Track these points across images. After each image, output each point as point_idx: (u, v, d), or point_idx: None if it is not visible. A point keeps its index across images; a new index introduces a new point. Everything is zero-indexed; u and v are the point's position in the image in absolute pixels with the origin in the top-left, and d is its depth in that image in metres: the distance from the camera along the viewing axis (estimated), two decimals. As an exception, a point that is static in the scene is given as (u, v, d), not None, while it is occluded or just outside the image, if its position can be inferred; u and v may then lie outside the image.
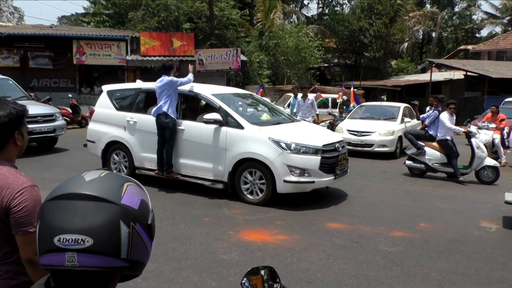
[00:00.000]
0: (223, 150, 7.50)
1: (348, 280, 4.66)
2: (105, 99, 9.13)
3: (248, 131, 7.41)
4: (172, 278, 4.63)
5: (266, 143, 7.18)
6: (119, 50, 19.14)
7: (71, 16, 42.39)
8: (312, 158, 7.12)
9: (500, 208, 7.60)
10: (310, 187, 7.27)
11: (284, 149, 7.07)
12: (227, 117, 7.58)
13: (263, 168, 7.19)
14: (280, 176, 7.03)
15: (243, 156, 7.33)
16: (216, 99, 7.88)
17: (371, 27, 28.52)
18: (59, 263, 1.06)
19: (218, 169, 7.60)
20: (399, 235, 6.10)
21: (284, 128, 7.87)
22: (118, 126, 8.70)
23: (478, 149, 9.60)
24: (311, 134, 7.80)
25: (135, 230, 1.11)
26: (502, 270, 5.03)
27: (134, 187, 1.19)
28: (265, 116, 8.61)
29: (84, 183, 1.13)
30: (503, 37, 31.89)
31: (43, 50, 19.50)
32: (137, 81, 9.48)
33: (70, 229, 1.06)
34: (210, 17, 21.40)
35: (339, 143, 7.73)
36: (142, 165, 8.51)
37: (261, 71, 23.14)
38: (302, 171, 7.06)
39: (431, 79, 23.51)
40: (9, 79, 12.76)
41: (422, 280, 4.72)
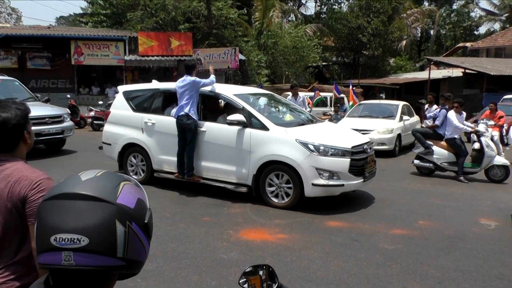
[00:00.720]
0: (247, 153, 7.25)
1: (347, 278, 4.67)
2: (121, 100, 8.89)
3: (273, 132, 7.16)
4: (172, 277, 4.63)
5: (293, 145, 6.94)
6: (117, 50, 19.13)
7: (69, 17, 42.41)
8: (341, 160, 6.87)
9: (499, 205, 7.62)
10: (339, 191, 7.04)
11: (312, 151, 6.83)
12: (250, 118, 7.34)
13: (289, 171, 6.95)
14: (308, 179, 6.79)
15: (269, 158, 7.09)
16: (239, 100, 7.64)
17: (369, 25, 28.52)
18: (56, 262, 1.07)
19: (241, 172, 7.37)
20: (398, 233, 6.10)
21: (309, 129, 7.64)
22: (135, 127, 8.45)
23: (487, 148, 9.51)
24: (338, 136, 7.58)
25: (131, 229, 1.12)
26: (501, 267, 5.04)
27: (131, 186, 1.19)
28: (288, 116, 8.34)
29: (80, 183, 1.14)
30: (501, 34, 31.91)
31: (41, 50, 19.48)
32: (153, 81, 9.27)
33: (66, 229, 1.07)
34: (208, 16, 21.40)
35: (367, 144, 7.51)
36: (160, 168, 8.27)
37: (259, 70, 23.14)
38: (331, 174, 6.83)
39: (429, 77, 23.52)
40: (15, 80, 12.67)
41: (422, 277, 4.72)
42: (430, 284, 4.58)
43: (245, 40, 23.54)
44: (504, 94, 18.62)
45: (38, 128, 10.68)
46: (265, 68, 23.65)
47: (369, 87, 26.88)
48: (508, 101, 17.15)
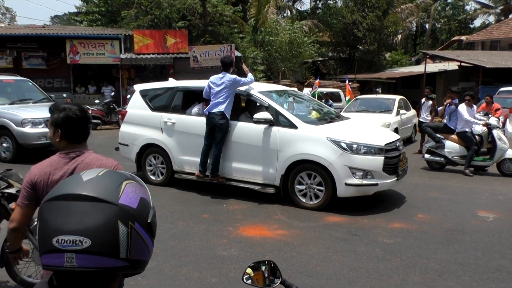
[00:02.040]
0: (275, 152, 6.99)
1: (347, 273, 4.69)
2: (138, 99, 8.62)
3: (302, 130, 6.89)
4: (173, 275, 4.64)
5: (324, 143, 6.68)
6: (113, 48, 19.05)
7: (64, 16, 42.18)
8: (375, 158, 6.65)
9: (497, 198, 7.66)
10: (373, 190, 6.83)
11: (345, 149, 6.58)
12: (277, 116, 7.09)
13: (321, 171, 6.69)
14: (341, 179, 6.55)
15: (298, 158, 6.82)
16: (264, 97, 7.41)
17: (364, 20, 28.50)
18: (58, 264, 1.07)
19: (268, 172, 7.11)
20: (397, 227, 6.13)
21: (339, 127, 7.40)
22: (154, 127, 8.20)
23: (499, 141, 9.44)
24: (369, 133, 7.35)
25: (134, 229, 1.11)
26: (500, 259, 5.07)
27: (133, 185, 1.18)
28: (314, 114, 8.02)
29: (81, 183, 1.13)
30: (496, 27, 31.97)
31: (36, 50, 19.37)
32: (170, 79, 9.05)
33: (68, 230, 1.06)
34: (203, 13, 21.36)
35: (398, 141, 7.33)
36: (181, 169, 8.00)
37: (255, 66, 23.10)
38: (365, 173, 6.60)
39: (425, 71, 23.54)
40: (28, 81, 12.53)
41: (421, 270, 4.75)
42: (430, 277, 4.60)
43: (240, 37, 23.51)
44: (500, 87, 18.66)
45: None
46: (261, 64, 23.62)
47: (365, 82, 26.90)
48: (504, 94, 17.20)
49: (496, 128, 9.65)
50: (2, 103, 11.02)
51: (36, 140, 10.38)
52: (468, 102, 9.80)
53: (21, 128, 10.29)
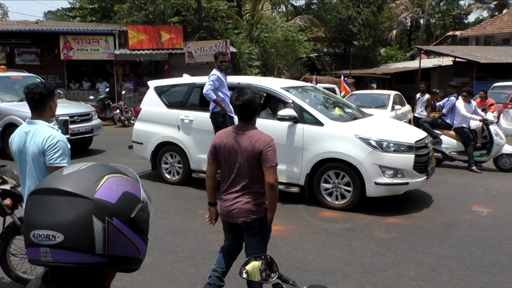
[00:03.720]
0: (299, 150, 6.75)
1: (343, 267, 4.71)
2: (153, 96, 8.36)
3: (329, 128, 6.67)
4: (169, 271, 4.65)
5: (352, 141, 6.46)
6: (107, 44, 18.94)
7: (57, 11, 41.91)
8: (406, 156, 6.43)
9: (491, 192, 7.70)
10: (404, 189, 6.63)
11: (375, 147, 6.35)
12: (302, 113, 6.86)
13: (348, 169, 6.48)
14: (370, 178, 6.33)
15: (324, 156, 6.60)
16: (288, 93, 7.20)
17: (359, 16, 28.49)
18: (36, 258, 1.06)
19: (292, 171, 6.88)
20: (392, 222, 6.16)
21: (366, 124, 7.20)
22: (170, 125, 7.96)
23: (496, 136, 9.44)
24: (398, 130, 7.15)
25: (111, 224, 1.07)
26: (494, 253, 5.11)
27: (117, 179, 1.14)
28: (337, 110, 7.74)
29: (60, 177, 1.11)
30: (490, 22, 32.05)
31: (30, 46, 19.22)
32: (184, 75, 8.84)
33: (42, 225, 1.05)
34: (198, 9, 21.27)
35: (426, 138, 7.17)
36: (199, 168, 7.72)
37: (251, 62, 23.05)
38: (395, 171, 6.38)
39: (420, 66, 23.57)
40: (36, 77, 12.22)
41: (416, 265, 4.78)
42: (425, 271, 4.63)
43: (236, 33, 23.44)
44: (494, 82, 18.72)
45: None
46: (256, 60, 23.58)
47: (361, 78, 26.91)
48: (498, 89, 17.26)
49: (493, 123, 9.66)
50: (11, 100, 10.82)
51: None
52: (465, 98, 9.78)
53: None
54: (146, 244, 1.21)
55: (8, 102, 10.69)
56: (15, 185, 4.09)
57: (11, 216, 4.01)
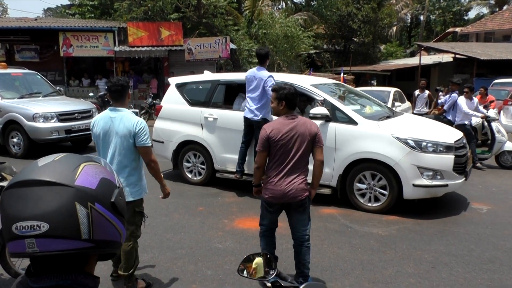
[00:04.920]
0: (331, 150, 6.45)
1: (342, 264, 4.72)
2: (175, 94, 8.10)
3: (363, 127, 6.40)
4: (168, 267, 4.65)
5: (388, 140, 6.19)
6: (107, 41, 18.91)
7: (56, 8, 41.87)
8: (445, 157, 6.15)
9: (491, 190, 7.70)
10: (443, 192, 6.38)
11: (413, 147, 6.08)
12: (334, 111, 6.59)
13: (385, 170, 6.23)
14: (408, 179, 6.07)
15: (359, 156, 6.34)
16: (319, 91, 6.91)
17: (359, 12, 28.46)
18: (20, 250, 1.07)
19: (324, 171, 6.72)
20: (392, 219, 6.16)
21: (401, 123, 6.94)
22: (193, 123, 7.71)
23: (498, 134, 9.38)
24: (435, 130, 6.87)
25: (94, 210, 1.10)
26: (493, 250, 5.11)
27: (93, 167, 1.16)
28: (368, 108, 7.46)
29: (36, 169, 1.12)
30: (491, 19, 31.99)
31: (29, 43, 19.19)
32: (205, 72, 8.67)
33: (25, 216, 1.06)
34: (197, 5, 21.23)
35: (463, 139, 6.88)
36: (224, 168, 7.57)
37: (251, 59, 23.03)
38: (434, 173, 6.12)
39: (420, 63, 23.54)
40: (37, 74, 12.24)
41: (415, 262, 4.78)
42: (424, 268, 4.64)
43: (235, 29, 23.41)
44: (494, 79, 18.70)
45: (68, 124, 10.42)
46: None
47: (360, 74, 26.91)
48: (498, 86, 17.23)
49: (494, 120, 9.61)
50: (12, 97, 10.77)
51: (48, 135, 10.16)
52: (467, 95, 9.71)
53: (32, 123, 10.06)
54: (125, 227, 1.24)
55: (8, 99, 10.63)
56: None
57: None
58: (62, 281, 1.10)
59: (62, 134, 10.38)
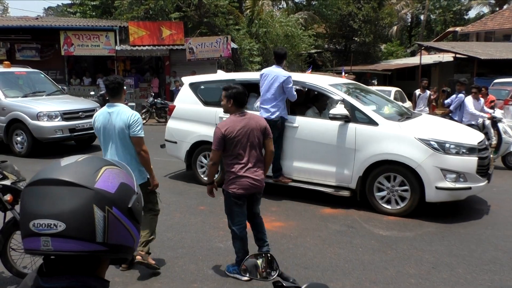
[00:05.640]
0: (351, 151, 6.35)
1: (343, 264, 4.72)
2: (188, 93, 7.93)
3: (384, 128, 6.25)
4: (169, 266, 4.66)
5: (410, 142, 6.04)
6: (108, 40, 18.92)
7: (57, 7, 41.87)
8: (469, 159, 6.00)
9: (492, 190, 7.68)
10: (466, 195, 6.21)
11: (436, 149, 5.93)
12: (354, 111, 6.45)
13: (406, 173, 6.07)
14: (431, 182, 5.91)
15: (380, 158, 6.18)
16: (338, 91, 6.79)
17: (360, 12, 28.47)
18: (35, 248, 1.08)
19: (343, 173, 6.49)
20: (393, 219, 6.16)
21: (422, 124, 6.79)
22: (208, 123, 7.48)
23: (505, 134, 9.32)
24: (457, 131, 6.73)
25: (111, 214, 1.11)
26: (494, 251, 5.11)
27: (113, 171, 1.17)
28: (386, 109, 7.28)
29: (59, 168, 1.13)
30: (491, 18, 31.95)
31: (30, 42, 19.20)
32: (218, 71, 8.57)
33: (43, 214, 1.07)
34: (198, 5, 21.22)
35: (485, 140, 6.73)
36: None
37: (252, 58, 23.03)
38: (458, 175, 5.95)
39: (420, 62, 23.52)
40: (40, 73, 12.19)
41: (416, 262, 4.79)
42: (425, 268, 4.64)
43: (236, 28, 23.40)
44: (494, 78, 18.68)
45: (72, 123, 10.40)
46: (257, 56, 23.54)
47: (361, 74, 26.89)
48: (498, 85, 17.21)
49: (501, 121, 9.52)
50: (15, 96, 10.74)
51: (52, 134, 10.15)
52: (475, 95, 9.59)
53: (36, 121, 10.04)
54: (139, 234, 1.24)
55: (12, 98, 10.60)
56: (15, 181, 4.09)
57: (11, 211, 4.03)
58: (73, 282, 1.11)
59: (66, 133, 10.37)
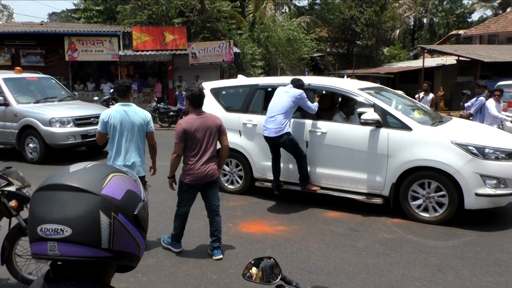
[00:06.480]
0: (384, 157, 6.16)
1: (348, 268, 4.71)
2: (209, 99, 7.55)
3: (418, 133, 6.04)
4: (173, 272, 4.66)
5: (447, 147, 5.83)
6: (111, 45, 19.00)
7: (62, 13, 42.09)
8: (508, 164, 5.78)
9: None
10: (507, 201, 5.98)
11: (476, 154, 5.70)
12: (385, 116, 6.25)
13: (443, 179, 5.85)
14: (470, 188, 5.68)
15: (414, 164, 5.97)
16: (367, 95, 6.63)
17: (362, 15, 28.49)
18: (42, 252, 1.09)
19: (375, 180, 6.30)
20: (396, 222, 6.14)
21: (458, 128, 6.58)
22: (230, 130, 7.05)
23: None
24: (493, 135, 6.53)
25: (117, 220, 1.11)
26: (499, 253, 5.09)
27: (121, 178, 1.18)
28: (417, 113, 7.02)
29: (67, 174, 1.15)
30: (494, 21, 31.89)
31: (34, 47, 19.33)
32: (239, 76, 8.44)
33: (50, 219, 1.08)
34: (201, 10, 21.30)
35: None
36: (263, 176, 7.24)
37: (254, 62, 23.08)
38: (498, 181, 5.73)
39: (423, 65, 23.50)
40: (51, 78, 12.17)
41: (421, 265, 4.77)
42: (430, 271, 4.62)
43: (239, 33, 23.47)
44: (498, 81, 18.62)
45: (84, 129, 10.33)
46: (259, 60, 23.59)
47: (364, 77, 26.85)
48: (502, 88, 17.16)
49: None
50: (27, 101, 10.67)
51: (65, 140, 10.05)
52: (497, 98, 9.39)
53: (49, 127, 9.95)
54: (145, 241, 1.25)
55: (24, 104, 10.52)
56: (20, 187, 4.10)
57: (16, 217, 4.03)
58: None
59: (79, 139, 10.30)
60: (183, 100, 17.15)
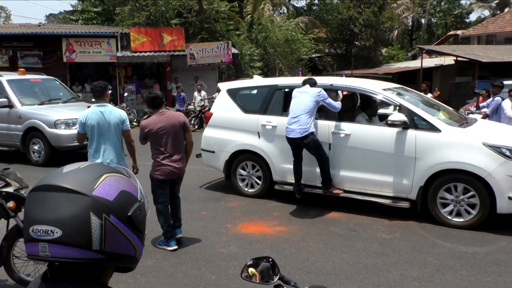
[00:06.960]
0: (411, 160, 5.97)
1: (346, 268, 4.71)
2: (227, 100, 7.58)
3: (448, 135, 5.85)
4: (172, 272, 4.65)
5: (478, 149, 5.64)
6: (109, 47, 18.98)
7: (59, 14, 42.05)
8: None
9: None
10: None
11: (509, 157, 5.53)
12: (412, 117, 6.08)
13: (474, 182, 5.65)
14: (503, 192, 5.49)
15: (444, 167, 5.77)
16: (393, 96, 6.50)
17: (360, 16, 28.50)
18: (34, 253, 1.09)
19: (401, 183, 6.11)
20: (395, 222, 6.14)
21: (488, 129, 6.42)
22: (249, 132, 7.19)
23: None
24: None
25: (108, 221, 1.10)
26: (498, 253, 5.09)
27: (115, 178, 1.17)
28: (443, 114, 6.83)
29: (60, 175, 1.14)
30: (492, 21, 31.95)
31: (32, 49, 19.30)
32: (255, 76, 8.37)
33: (41, 220, 1.07)
34: (199, 11, 21.28)
35: None
36: (283, 179, 7.05)
37: (252, 63, 23.06)
38: None
39: (422, 66, 23.52)
40: (55, 80, 12.10)
41: (420, 265, 4.77)
42: (428, 271, 4.62)
43: (237, 34, 23.45)
44: (496, 81, 18.66)
45: None
46: (258, 61, 23.58)
47: (362, 78, 26.89)
48: (500, 88, 17.17)
49: None
50: (31, 103, 10.59)
51: (70, 142, 9.88)
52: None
53: (54, 129, 9.87)
54: (143, 243, 1.23)
55: (28, 105, 10.44)
56: (18, 188, 4.10)
57: (14, 218, 4.03)
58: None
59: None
60: (181, 101, 17.16)
